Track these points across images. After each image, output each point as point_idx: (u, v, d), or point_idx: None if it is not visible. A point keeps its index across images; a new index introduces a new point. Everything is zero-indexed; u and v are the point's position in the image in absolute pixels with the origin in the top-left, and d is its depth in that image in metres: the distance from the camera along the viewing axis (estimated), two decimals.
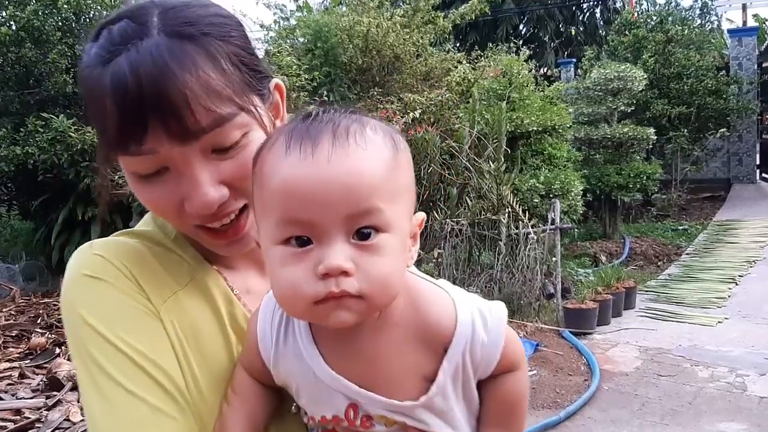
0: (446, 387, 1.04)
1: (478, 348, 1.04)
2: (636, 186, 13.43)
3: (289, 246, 0.94)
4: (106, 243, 1.18)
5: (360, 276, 0.92)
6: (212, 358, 1.15)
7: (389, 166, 0.96)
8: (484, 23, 23.22)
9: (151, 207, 1.15)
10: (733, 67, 19.13)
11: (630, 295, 8.94)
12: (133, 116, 1.00)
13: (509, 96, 10.40)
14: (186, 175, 1.07)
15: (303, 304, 0.93)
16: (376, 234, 0.94)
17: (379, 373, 1.03)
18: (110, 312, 1.08)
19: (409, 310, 1.04)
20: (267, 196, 0.96)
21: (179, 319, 1.13)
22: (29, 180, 9.73)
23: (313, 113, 0.99)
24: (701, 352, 7.13)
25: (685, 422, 5.45)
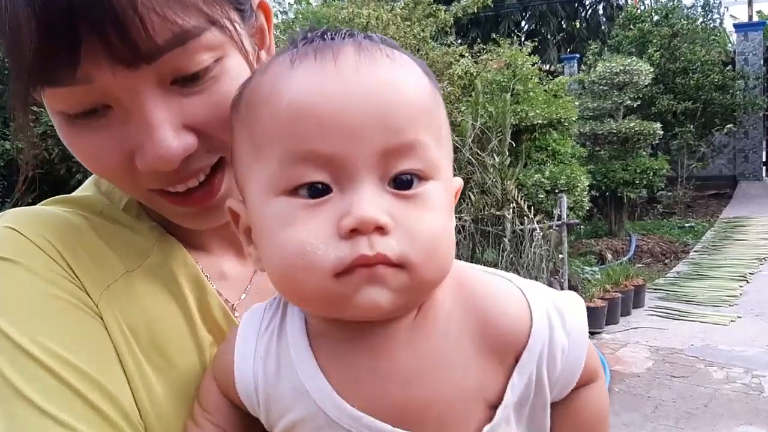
0: (510, 412, 0.74)
1: (558, 355, 0.75)
2: (642, 182, 13.25)
3: (297, 197, 0.66)
4: (24, 213, 0.89)
5: (400, 235, 0.65)
6: (175, 360, 0.86)
7: (432, 94, 0.71)
8: (486, 19, 23.11)
9: (88, 162, 0.84)
10: (739, 62, 18.91)
11: (639, 294, 8.74)
12: (59, 29, 0.71)
13: (513, 88, 10.18)
14: (136, 115, 0.78)
15: (318, 276, 0.64)
16: (419, 182, 0.67)
17: (420, 401, 0.72)
18: (25, 307, 0.79)
19: (463, 306, 0.74)
20: (264, 127, 0.68)
21: (127, 312, 0.85)
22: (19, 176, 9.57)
23: (320, 30, 0.71)
24: (715, 352, 6.90)
25: (702, 426, 5.23)
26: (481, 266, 0.81)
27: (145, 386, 0.83)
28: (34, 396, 0.74)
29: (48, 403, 0.75)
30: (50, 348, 0.77)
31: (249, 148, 0.71)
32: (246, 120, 0.71)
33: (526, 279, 0.80)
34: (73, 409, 0.76)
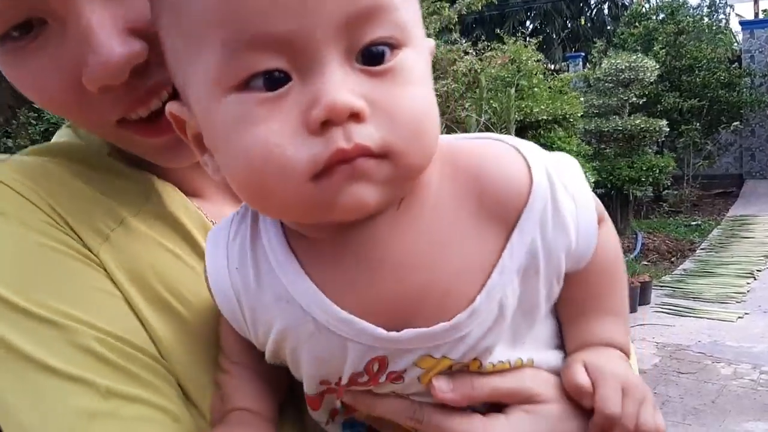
0: (514, 278, 0.66)
1: (567, 218, 0.68)
2: (648, 180, 13.19)
3: (250, 92, 0.56)
4: (8, 164, 0.80)
5: (379, 120, 0.56)
6: (190, 299, 0.79)
7: None
8: (491, 18, 23.10)
9: (35, 95, 0.75)
10: (746, 59, 18.82)
11: (645, 291, 8.66)
12: None
13: (518, 83, 10.12)
14: (73, 22, 0.69)
15: (293, 183, 0.56)
16: (391, 52, 0.58)
17: (416, 290, 0.65)
18: (19, 262, 0.73)
19: (453, 176, 0.67)
20: (197, 14, 0.57)
21: (133, 258, 0.78)
22: None
23: None
24: (722, 349, 6.84)
25: (709, 422, 5.18)
26: (466, 134, 0.73)
27: (161, 331, 0.76)
28: (40, 355, 0.68)
29: (56, 361, 0.68)
30: (48, 303, 0.71)
31: (181, 39, 0.60)
32: (172, 5, 0.60)
33: (522, 140, 0.71)
34: (83, 362, 0.69)
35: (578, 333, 0.76)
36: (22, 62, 0.72)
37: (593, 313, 0.76)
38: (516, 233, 0.65)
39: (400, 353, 0.66)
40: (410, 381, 0.68)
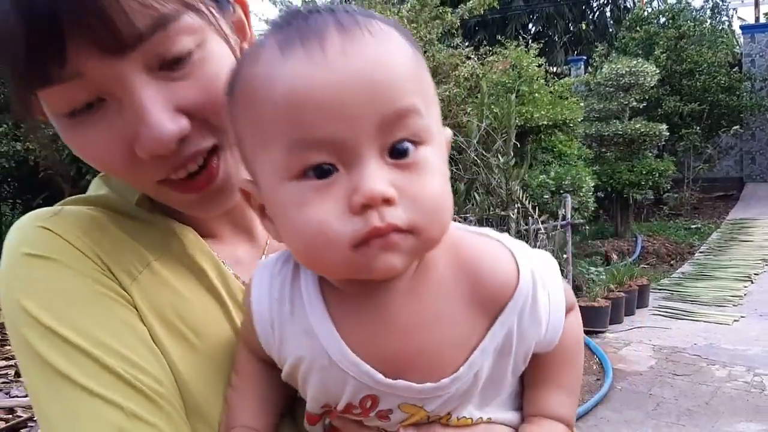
0: (490, 358, 0.82)
1: (542, 314, 0.83)
2: (648, 183, 13.28)
3: (306, 180, 0.72)
4: (54, 213, 0.93)
5: (406, 204, 0.71)
6: (209, 337, 0.92)
7: (415, 59, 0.76)
8: (493, 21, 23.12)
9: (92, 159, 0.86)
10: (746, 64, 18.93)
11: (643, 294, 8.81)
12: (44, 24, 0.75)
13: (518, 89, 10.23)
14: (128, 103, 0.81)
15: (338, 251, 0.71)
16: (415, 148, 0.73)
17: (414, 350, 0.80)
18: (65, 301, 0.86)
19: (455, 267, 0.81)
20: (264, 119, 0.73)
21: (156, 297, 0.91)
22: (30, 177, 9.66)
23: (300, 11, 0.75)
24: (717, 351, 6.96)
25: (702, 423, 5.28)
26: (473, 227, 0.88)
27: (180, 363, 0.89)
28: (77, 376, 0.81)
29: (91, 381, 0.82)
30: (90, 334, 0.84)
31: (252, 136, 0.76)
32: (244, 109, 0.76)
33: (514, 239, 0.86)
34: (112, 385, 0.82)
35: (535, 400, 0.91)
36: (81, 131, 0.84)
37: (549, 385, 0.91)
38: (498, 322, 0.80)
39: (390, 396, 0.81)
40: (395, 421, 0.83)
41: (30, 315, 0.84)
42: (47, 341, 0.83)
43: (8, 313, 0.87)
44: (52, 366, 0.82)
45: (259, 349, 0.88)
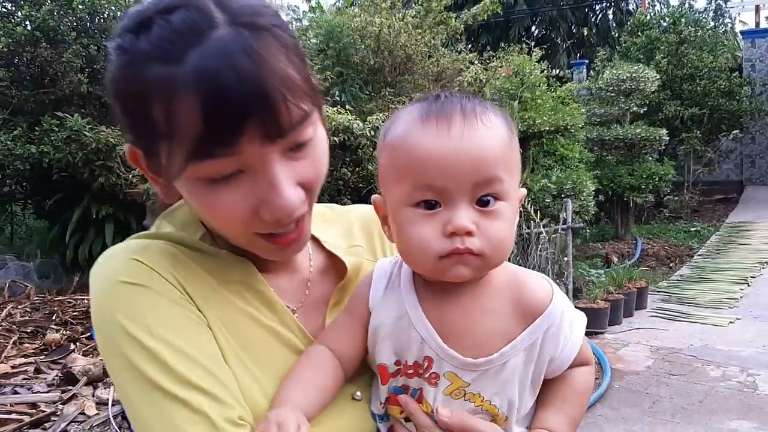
0: (518, 356, 1.11)
1: (561, 339, 1.13)
2: (648, 187, 13.45)
3: (418, 208, 1.05)
4: (142, 246, 1.09)
5: (480, 237, 1.03)
6: (266, 355, 1.12)
7: (508, 144, 1.08)
8: (497, 24, 23.26)
9: (216, 215, 1.03)
10: (746, 68, 19.09)
11: (642, 296, 8.98)
12: (231, 116, 0.91)
13: (521, 96, 10.42)
14: (264, 176, 0.99)
15: (430, 258, 1.04)
16: (495, 202, 1.05)
17: (467, 326, 1.10)
18: (157, 322, 1.01)
19: (510, 280, 1.14)
20: (400, 165, 1.06)
21: (224, 320, 1.09)
22: (44, 179, 9.78)
23: (441, 96, 1.09)
24: (713, 352, 7.14)
25: (696, 420, 5.46)
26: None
27: (245, 378, 1.07)
28: (172, 389, 0.98)
29: (184, 393, 0.98)
30: (183, 352, 1.00)
31: (391, 171, 1.09)
32: (391, 153, 1.09)
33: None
34: (201, 398, 0.98)
35: (543, 418, 1.18)
36: (216, 194, 0.99)
37: (558, 409, 1.18)
38: (529, 330, 1.10)
39: (441, 362, 1.09)
40: (440, 388, 1.10)
41: (130, 335, 0.99)
42: (145, 357, 0.99)
43: (108, 333, 1.02)
44: (150, 379, 0.98)
45: (361, 310, 1.17)
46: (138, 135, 1.01)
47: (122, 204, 9.57)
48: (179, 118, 0.91)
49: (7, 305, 8.29)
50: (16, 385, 5.65)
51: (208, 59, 0.90)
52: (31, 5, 9.79)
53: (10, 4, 10.46)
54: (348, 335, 1.16)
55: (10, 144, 9.03)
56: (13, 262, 9.93)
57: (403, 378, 1.13)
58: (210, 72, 0.89)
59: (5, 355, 6.52)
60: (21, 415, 5.06)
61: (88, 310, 8.07)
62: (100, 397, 5.28)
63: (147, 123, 0.94)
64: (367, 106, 11.08)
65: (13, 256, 10.20)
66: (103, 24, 10.46)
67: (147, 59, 0.92)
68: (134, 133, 1.01)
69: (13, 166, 9.23)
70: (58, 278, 9.97)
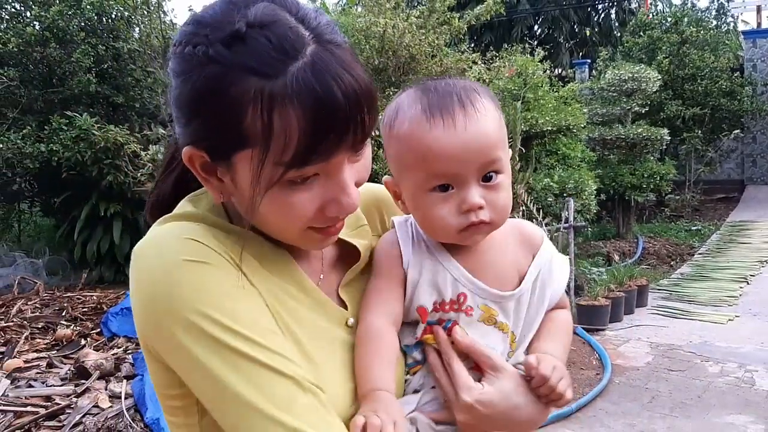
0: (528, 289, 1.31)
1: (554, 272, 1.35)
2: (649, 186, 13.50)
3: (435, 192, 1.22)
4: (192, 227, 1.13)
5: (489, 208, 1.22)
6: (311, 323, 1.19)
7: (500, 123, 1.25)
8: (500, 24, 23.34)
9: (289, 213, 1.09)
10: (748, 68, 19.19)
11: (642, 293, 9.07)
12: (336, 130, 1.00)
13: (524, 96, 10.52)
14: (335, 179, 1.08)
15: (451, 232, 1.23)
16: (496, 176, 1.23)
17: (489, 263, 1.30)
18: (224, 297, 1.05)
19: (512, 224, 1.36)
20: (415, 157, 1.22)
21: (269, 291, 1.14)
22: (52, 177, 9.91)
23: (436, 87, 1.24)
24: (712, 349, 7.24)
25: (694, 415, 5.57)
26: None
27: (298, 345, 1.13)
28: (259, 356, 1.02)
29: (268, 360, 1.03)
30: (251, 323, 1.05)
31: (401, 160, 1.25)
32: (400, 144, 1.24)
33: None
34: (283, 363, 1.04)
35: (538, 345, 1.34)
36: (292, 194, 1.07)
37: (550, 339, 1.35)
38: (534, 263, 1.33)
39: (474, 295, 1.27)
40: (475, 317, 1.27)
41: (205, 316, 1.02)
42: (228, 333, 1.02)
43: (175, 320, 1.03)
44: (234, 349, 1.02)
45: (398, 271, 1.30)
46: (216, 140, 1.05)
47: (130, 202, 9.71)
48: (279, 128, 0.98)
49: (17, 301, 8.43)
50: (30, 379, 5.78)
51: (311, 75, 0.97)
52: (41, 6, 9.94)
53: (19, 4, 10.59)
54: (395, 297, 1.29)
55: (20, 142, 9.17)
56: (23, 259, 10.07)
57: (439, 314, 1.28)
58: (316, 87, 0.97)
59: (18, 350, 6.66)
60: (36, 407, 5.20)
61: (97, 306, 8.23)
62: (112, 390, 5.42)
63: (233, 130, 1.01)
64: None
65: (22, 253, 10.34)
66: (111, 24, 10.62)
67: (243, 71, 0.98)
68: (210, 139, 1.06)
69: (23, 165, 9.37)
70: (67, 275, 10.12)
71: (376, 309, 1.27)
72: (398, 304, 1.28)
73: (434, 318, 1.27)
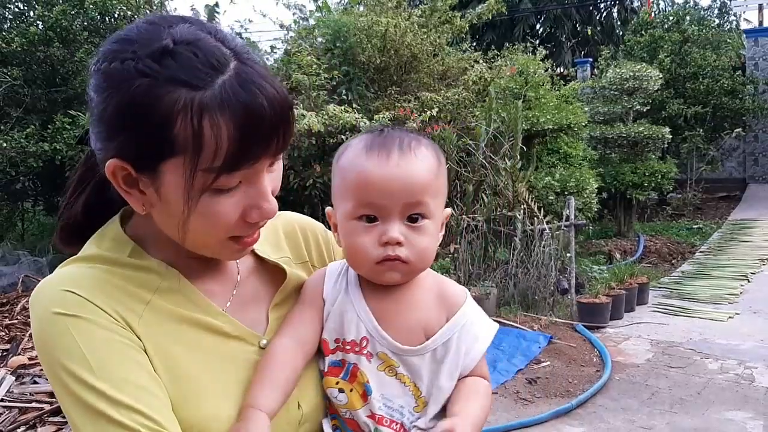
0: (436, 351, 1.29)
1: (471, 338, 1.33)
2: (651, 184, 13.55)
3: (360, 221, 1.26)
4: (69, 275, 1.16)
5: (408, 247, 1.25)
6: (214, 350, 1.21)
7: (435, 173, 1.30)
8: (501, 23, 23.35)
9: (215, 221, 1.13)
10: (749, 67, 19.20)
11: (643, 291, 9.10)
12: (264, 137, 1.07)
13: (525, 95, 10.56)
14: (255, 186, 1.13)
15: (368, 262, 1.27)
16: (422, 219, 1.27)
17: (399, 317, 1.30)
18: (93, 351, 1.08)
19: (434, 281, 1.37)
20: (348, 185, 1.28)
21: (158, 326, 1.16)
22: (56, 176, 9.96)
23: (385, 131, 1.32)
24: (711, 346, 7.27)
25: (694, 411, 5.60)
26: None
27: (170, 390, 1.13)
28: (110, 412, 1.04)
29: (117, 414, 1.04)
30: (116, 379, 1.06)
31: (339, 189, 1.31)
32: (341, 174, 1.31)
33: None
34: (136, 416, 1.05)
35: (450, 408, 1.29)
36: (217, 202, 1.11)
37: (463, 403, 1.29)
38: (450, 322, 1.31)
39: (376, 343, 1.27)
40: (373, 365, 1.27)
41: (66, 367, 1.06)
42: (82, 386, 1.05)
43: (49, 362, 1.09)
44: (90, 405, 1.04)
45: (317, 300, 1.33)
46: (143, 150, 1.07)
47: None
48: (209, 136, 1.03)
49: (21, 299, 8.47)
50: (34, 376, 5.82)
51: (238, 85, 1.04)
52: (44, 6, 9.99)
53: (23, 4, 10.66)
54: (308, 322, 1.32)
55: (24, 141, 9.20)
56: (26, 257, 10.11)
57: (342, 354, 1.30)
58: (244, 96, 1.04)
59: (22, 347, 6.70)
60: (41, 403, 5.24)
61: None
62: None
63: (162, 139, 1.04)
64: (374, 105, 11.25)
65: (26, 251, 10.38)
66: (114, 24, 10.64)
67: (172, 83, 1.02)
68: (136, 150, 1.08)
69: (26, 163, 9.40)
70: None
71: (285, 332, 1.30)
72: (310, 328, 1.31)
73: (337, 358, 1.29)
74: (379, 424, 1.26)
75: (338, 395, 1.28)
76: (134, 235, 1.23)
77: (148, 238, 1.23)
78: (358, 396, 1.26)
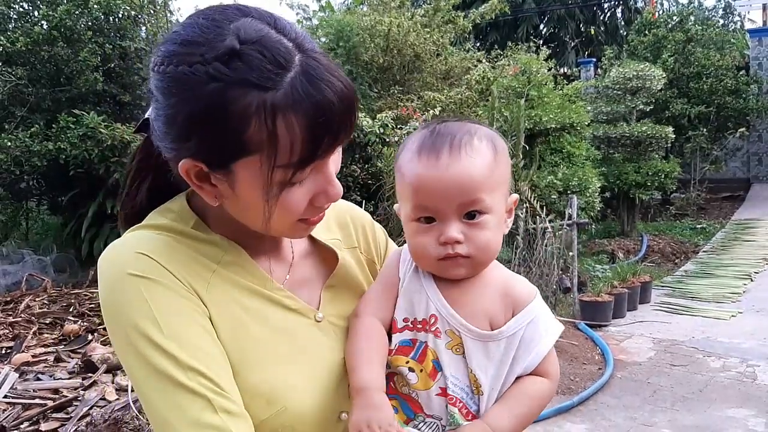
0: (501, 343, 1.29)
1: (537, 336, 1.31)
2: (654, 184, 13.56)
3: (420, 222, 1.30)
4: (144, 238, 1.20)
5: (468, 243, 1.28)
6: (275, 320, 1.25)
7: (490, 167, 1.29)
8: (505, 23, 23.37)
9: (289, 210, 1.17)
10: (753, 67, 19.16)
11: (646, 290, 9.12)
12: (334, 132, 1.09)
13: (528, 94, 10.56)
14: (323, 173, 1.17)
15: (430, 260, 1.31)
16: (480, 215, 1.28)
17: (466, 301, 1.32)
18: (165, 314, 1.12)
19: (502, 279, 1.37)
20: (404, 188, 1.33)
21: (224, 293, 1.21)
22: (60, 175, 9.96)
23: (437, 128, 1.33)
24: (714, 344, 7.28)
25: (696, 408, 5.61)
26: None
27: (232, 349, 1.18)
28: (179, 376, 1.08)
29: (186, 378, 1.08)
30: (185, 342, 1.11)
31: (398, 191, 1.35)
32: (397, 176, 1.35)
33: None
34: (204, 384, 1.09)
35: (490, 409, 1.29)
36: (296, 191, 1.15)
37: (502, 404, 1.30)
38: (514, 319, 1.30)
39: (445, 319, 1.30)
40: (443, 340, 1.29)
41: (139, 328, 1.10)
42: (153, 349, 1.09)
43: (119, 325, 1.12)
44: (159, 369, 1.08)
45: (393, 280, 1.38)
46: (217, 152, 1.10)
47: None
48: (284, 135, 1.06)
49: (25, 298, 8.51)
50: (38, 373, 5.85)
51: (307, 83, 1.05)
52: (48, 5, 10.00)
53: (28, 4, 10.67)
54: (386, 300, 1.36)
55: (28, 141, 9.21)
56: (30, 256, 10.13)
57: (411, 333, 1.32)
58: (313, 94, 1.05)
59: (26, 344, 6.73)
60: (44, 400, 5.27)
61: None
62: (119, 383, 5.49)
63: (237, 141, 1.07)
64: (376, 104, 11.26)
65: (30, 250, 10.40)
66: (118, 23, 10.67)
67: (244, 86, 1.03)
68: (211, 151, 1.10)
69: (31, 163, 9.40)
70: (74, 272, 10.17)
71: (367, 310, 1.36)
72: (388, 306, 1.36)
73: (408, 337, 1.32)
74: (449, 403, 1.28)
75: (408, 374, 1.30)
76: (198, 210, 1.27)
77: (210, 215, 1.27)
78: (427, 375, 1.29)
